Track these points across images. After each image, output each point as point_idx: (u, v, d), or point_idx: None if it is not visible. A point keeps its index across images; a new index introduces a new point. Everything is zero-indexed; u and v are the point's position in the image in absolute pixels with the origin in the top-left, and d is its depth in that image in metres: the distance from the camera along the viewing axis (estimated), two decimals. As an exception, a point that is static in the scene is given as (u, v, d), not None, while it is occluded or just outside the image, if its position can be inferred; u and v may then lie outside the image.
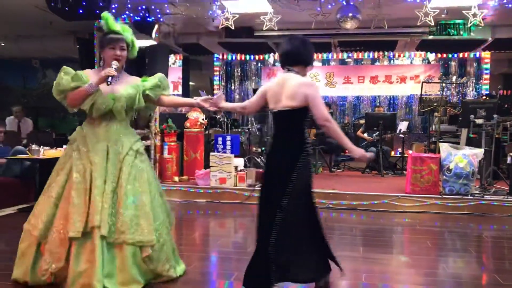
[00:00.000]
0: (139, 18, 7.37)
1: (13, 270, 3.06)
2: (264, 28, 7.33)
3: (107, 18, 3.03)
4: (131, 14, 7.32)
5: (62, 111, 11.91)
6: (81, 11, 5.73)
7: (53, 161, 5.82)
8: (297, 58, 2.92)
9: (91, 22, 7.52)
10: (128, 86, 3.09)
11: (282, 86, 2.85)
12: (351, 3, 6.99)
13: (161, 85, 3.24)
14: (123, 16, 7.29)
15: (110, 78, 2.93)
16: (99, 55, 3.15)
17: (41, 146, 5.76)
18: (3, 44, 10.41)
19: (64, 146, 6.10)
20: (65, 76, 2.97)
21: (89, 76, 3.01)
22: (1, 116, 9.94)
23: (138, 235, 2.90)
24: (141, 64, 6.36)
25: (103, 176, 2.91)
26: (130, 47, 3.14)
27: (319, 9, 7.18)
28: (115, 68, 2.96)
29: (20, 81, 12.91)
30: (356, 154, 2.81)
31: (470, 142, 6.82)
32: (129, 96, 3.06)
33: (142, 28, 7.51)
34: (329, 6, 7.09)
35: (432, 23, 6.97)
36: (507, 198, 5.88)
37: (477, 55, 10.52)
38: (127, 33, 3.11)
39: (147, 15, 7.37)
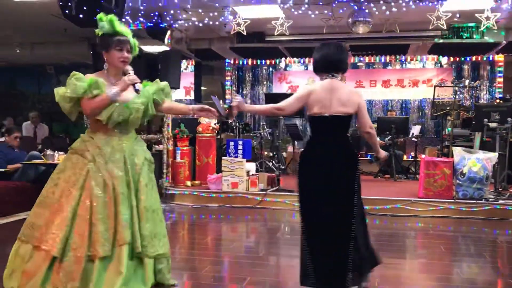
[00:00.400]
0: (151, 24, 7.45)
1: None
2: (275, 33, 7.36)
3: (112, 19, 2.90)
4: (144, 20, 7.40)
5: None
6: (95, 18, 5.79)
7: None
8: (339, 65, 3.01)
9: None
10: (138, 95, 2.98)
11: (331, 91, 2.92)
12: (363, 8, 6.98)
13: (164, 90, 3.11)
14: (136, 23, 7.38)
15: (137, 85, 2.86)
16: (102, 57, 2.98)
17: (56, 151, 5.85)
18: (18, 51, 10.57)
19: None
20: (78, 82, 2.80)
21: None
22: (17, 121, 10.10)
23: (158, 248, 2.90)
24: (153, 70, 6.42)
25: (125, 189, 2.84)
26: (133, 50, 3.02)
27: (330, 13, 7.19)
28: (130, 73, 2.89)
29: (35, 87, 13.10)
30: (382, 155, 3.20)
31: (484, 146, 6.76)
32: (143, 106, 2.96)
33: (155, 34, 7.59)
34: (341, 11, 7.09)
35: (445, 27, 6.93)
36: (522, 202, 5.82)
37: (491, 58, 10.43)
38: (130, 35, 3.00)
39: (159, 21, 7.44)
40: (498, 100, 9.45)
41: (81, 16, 5.48)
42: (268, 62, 11.60)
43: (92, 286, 2.67)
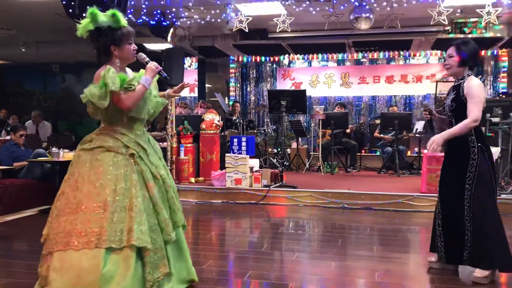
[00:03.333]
0: (154, 22, 7.50)
1: None
2: (277, 30, 7.38)
3: (117, 13, 2.80)
4: (147, 19, 7.45)
5: (79, 115, 12.21)
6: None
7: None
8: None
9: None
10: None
11: None
12: (364, 4, 7.00)
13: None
14: (139, 21, 7.42)
15: (163, 73, 2.92)
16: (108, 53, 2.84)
17: (61, 149, 5.91)
18: (24, 50, 10.67)
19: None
20: (117, 76, 2.72)
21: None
22: (22, 120, 10.19)
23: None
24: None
25: (167, 176, 2.99)
26: None
27: (331, 10, 7.21)
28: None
29: (40, 86, 13.22)
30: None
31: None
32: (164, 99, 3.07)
33: (157, 32, 7.63)
34: (342, 7, 7.11)
35: (446, 22, 6.92)
36: (525, 197, 5.84)
37: (495, 53, 10.40)
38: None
39: (162, 19, 7.49)
40: (501, 95, 9.43)
41: (84, 15, 5.50)
42: (271, 59, 11.62)
43: (172, 268, 2.89)
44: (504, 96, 8.38)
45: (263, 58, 11.61)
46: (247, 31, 7.55)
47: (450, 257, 3.40)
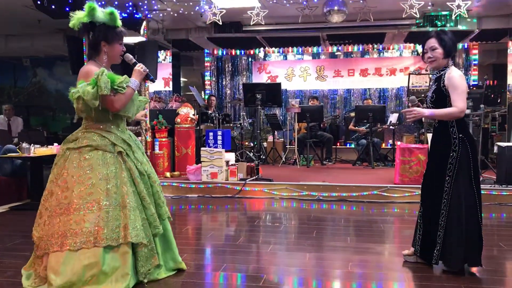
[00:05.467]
0: (126, 15, 7.38)
1: None
2: (251, 23, 7.36)
3: (114, 12, 2.90)
4: (119, 11, 7.31)
5: (51, 110, 11.97)
6: (67, 8, 5.73)
7: (45, 159, 5.88)
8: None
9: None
10: None
11: None
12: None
13: None
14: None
15: (150, 75, 3.01)
16: (97, 49, 2.92)
17: (32, 145, 5.78)
18: (-8, 44, 10.38)
19: (56, 144, 6.17)
20: (108, 79, 2.75)
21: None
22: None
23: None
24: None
25: (151, 171, 3.07)
26: None
27: (305, 3, 7.22)
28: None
29: (11, 80, 12.88)
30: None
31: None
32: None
33: (130, 24, 7.51)
34: (315, 0, 7.13)
35: (417, 15, 7.02)
36: (495, 186, 5.98)
37: (466, 46, 10.60)
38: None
39: (134, 11, 7.38)
40: (471, 87, 9.63)
41: (53, 7, 5.41)
42: (247, 52, 11.59)
43: (160, 259, 3.03)
44: (474, 88, 8.56)
45: (238, 52, 11.57)
46: (221, 24, 7.50)
47: (423, 252, 3.39)
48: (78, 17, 2.84)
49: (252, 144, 10.02)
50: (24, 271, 3.03)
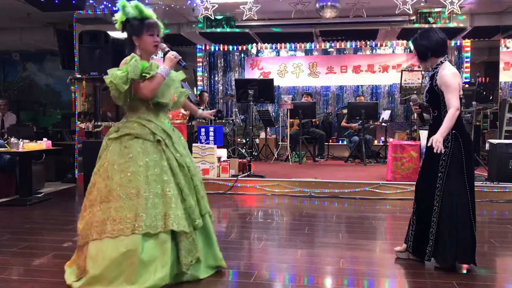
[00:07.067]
0: (117, 9, 7.27)
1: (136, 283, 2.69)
2: (244, 18, 7.30)
3: (138, 4, 2.92)
4: (109, 4, 7.23)
5: (42, 105, 11.84)
6: (57, 1, 5.65)
7: (34, 154, 5.80)
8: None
9: (70, 13, 7.42)
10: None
11: None
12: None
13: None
14: (101, 7, 7.20)
15: (181, 60, 2.98)
16: (130, 46, 2.95)
17: (21, 140, 5.70)
18: (-20, 37, 10.23)
19: (45, 139, 6.10)
20: (139, 64, 2.81)
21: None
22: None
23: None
24: (120, 55, 6.27)
25: (192, 165, 3.02)
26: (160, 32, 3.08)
27: (298, -2, 7.20)
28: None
29: (0, 75, 12.72)
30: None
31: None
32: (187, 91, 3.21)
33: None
34: (308, -5, 7.10)
35: (411, 12, 7.01)
36: (486, 183, 5.99)
37: (458, 44, 10.62)
38: (155, 16, 3.02)
39: (126, 5, 7.28)
40: (464, 85, 9.65)
41: (42, 0, 5.32)
42: (239, 48, 11.53)
43: (201, 254, 2.94)
44: (467, 86, 8.56)
45: (230, 47, 11.50)
46: (213, 18, 7.44)
47: (416, 249, 3.37)
48: (118, 18, 2.94)
49: (244, 141, 9.98)
50: (67, 267, 3.02)
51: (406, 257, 3.47)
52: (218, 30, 8.65)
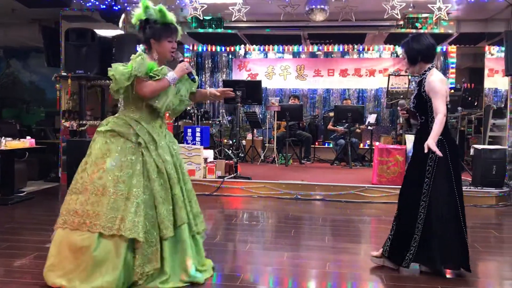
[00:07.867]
0: (105, 7, 7.21)
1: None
2: (233, 19, 7.28)
3: (163, 8, 2.92)
4: (97, 2, 7.15)
5: (25, 102, 11.67)
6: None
7: (17, 153, 5.69)
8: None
9: (56, 10, 7.32)
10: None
11: None
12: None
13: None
14: (88, 4, 7.12)
15: (193, 73, 2.99)
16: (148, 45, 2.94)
17: (3, 137, 5.60)
18: (-37, 32, 10.03)
19: (29, 137, 6.00)
20: (145, 62, 2.82)
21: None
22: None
23: (202, 225, 3.12)
24: (107, 54, 6.23)
25: (175, 174, 2.92)
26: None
27: (287, 0, 7.18)
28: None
29: (-17, 71, 12.51)
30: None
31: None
32: (188, 100, 3.15)
33: (108, 17, 7.35)
34: (297, -3, 7.10)
35: (399, 16, 7.06)
36: (470, 188, 6.05)
37: (444, 49, 10.72)
38: (175, 21, 3.01)
39: (113, 3, 7.21)
40: (450, 90, 9.76)
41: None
42: (227, 49, 11.48)
43: (167, 266, 2.80)
44: (452, 91, 8.66)
45: (218, 48, 11.45)
46: (201, 18, 7.41)
47: (392, 254, 3.32)
48: (137, 14, 2.93)
49: (231, 142, 9.95)
50: None
51: (381, 263, 3.40)
52: (210, 30, 8.59)
